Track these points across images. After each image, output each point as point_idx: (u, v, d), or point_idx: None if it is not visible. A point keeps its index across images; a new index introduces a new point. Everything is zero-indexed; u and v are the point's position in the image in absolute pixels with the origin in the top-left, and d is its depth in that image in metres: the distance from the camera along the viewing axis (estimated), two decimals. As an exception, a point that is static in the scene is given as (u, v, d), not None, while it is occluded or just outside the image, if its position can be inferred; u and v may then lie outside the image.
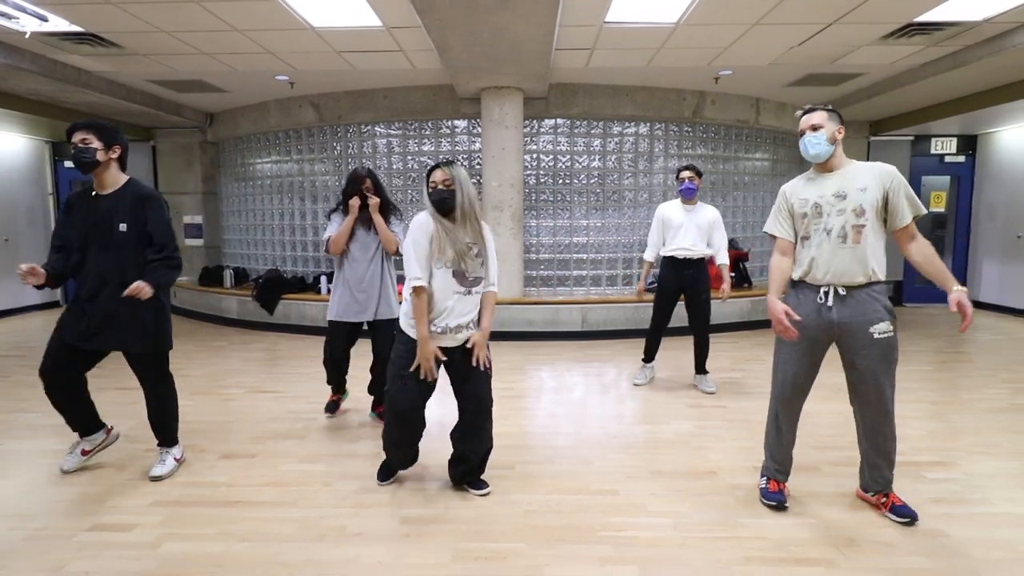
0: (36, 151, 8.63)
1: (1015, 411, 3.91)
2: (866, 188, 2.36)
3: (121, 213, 2.73)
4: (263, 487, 2.82)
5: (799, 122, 2.53)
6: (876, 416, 2.45)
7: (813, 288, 2.46)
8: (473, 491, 2.73)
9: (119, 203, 2.74)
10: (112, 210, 2.73)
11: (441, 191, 2.54)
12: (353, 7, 4.33)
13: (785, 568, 2.13)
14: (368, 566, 2.16)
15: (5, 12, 4.50)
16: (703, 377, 4.49)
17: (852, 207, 2.37)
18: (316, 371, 5.04)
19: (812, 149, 2.45)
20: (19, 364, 5.37)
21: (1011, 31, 4.83)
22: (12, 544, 2.33)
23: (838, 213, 2.39)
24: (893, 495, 2.50)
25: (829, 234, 2.39)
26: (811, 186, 2.50)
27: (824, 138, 2.42)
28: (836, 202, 2.40)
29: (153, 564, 2.19)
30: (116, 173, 2.79)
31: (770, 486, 2.62)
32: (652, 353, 4.66)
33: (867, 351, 2.38)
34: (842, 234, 2.37)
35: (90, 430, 3.02)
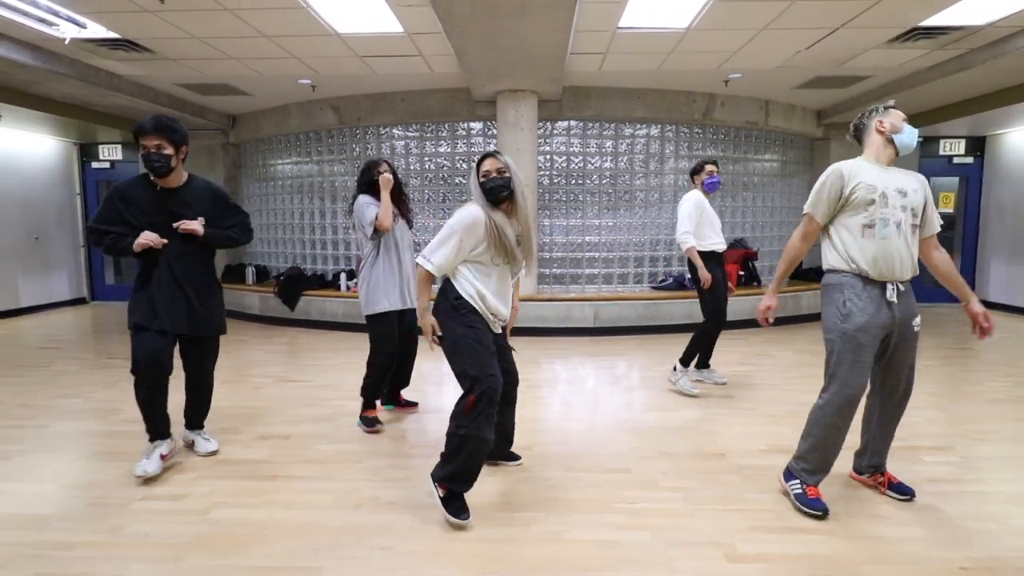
0: (65, 153, 8.94)
1: (1015, 402, 4.04)
2: (917, 190, 2.43)
3: (194, 207, 2.85)
4: (300, 464, 3.02)
5: (889, 114, 2.49)
6: (900, 404, 2.55)
7: (878, 285, 2.40)
8: (509, 463, 2.94)
9: (191, 198, 2.86)
10: (183, 204, 2.84)
11: (496, 179, 2.45)
12: (377, 14, 4.54)
13: (787, 535, 2.30)
14: (401, 530, 2.35)
15: (47, 19, 4.76)
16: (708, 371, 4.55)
17: (912, 206, 2.40)
18: (340, 363, 5.28)
19: (914, 142, 2.47)
20: (57, 355, 5.63)
21: (1014, 35, 4.96)
22: (75, 510, 2.55)
23: (902, 209, 2.38)
24: (889, 473, 2.64)
25: (899, 227, 2.37)
26: (876, 174, 2.43)
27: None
28: (899, 197, 2.38)
29: (205, 527, 2.39)
30: (181, 169, 2.88)
31: (808, 492, 2.49)
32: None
33: (907, 343, 2.47)
34: (908, 230, 2.40)
35: (166, 434, 2.97)
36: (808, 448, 2.52)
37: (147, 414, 2.89)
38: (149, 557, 2.17)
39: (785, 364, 5.22)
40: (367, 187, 3.52)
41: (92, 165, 9.17)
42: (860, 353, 2.38)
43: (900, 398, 2.55)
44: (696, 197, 4.28)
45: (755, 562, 2.12)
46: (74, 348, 6.04)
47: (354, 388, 4.19)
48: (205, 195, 2.94)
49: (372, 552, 2.20)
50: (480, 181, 2.48)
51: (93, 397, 4.25)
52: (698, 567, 2.09)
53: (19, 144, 8.11)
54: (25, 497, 2.68)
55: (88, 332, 7.05)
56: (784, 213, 8.11)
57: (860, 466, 2.73)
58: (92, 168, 9.18)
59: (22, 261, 8.10)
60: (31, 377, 4.80)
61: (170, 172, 2.79)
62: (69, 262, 9.00)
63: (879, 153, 2.49)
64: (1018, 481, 2.80)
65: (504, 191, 2.46)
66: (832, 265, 2.50)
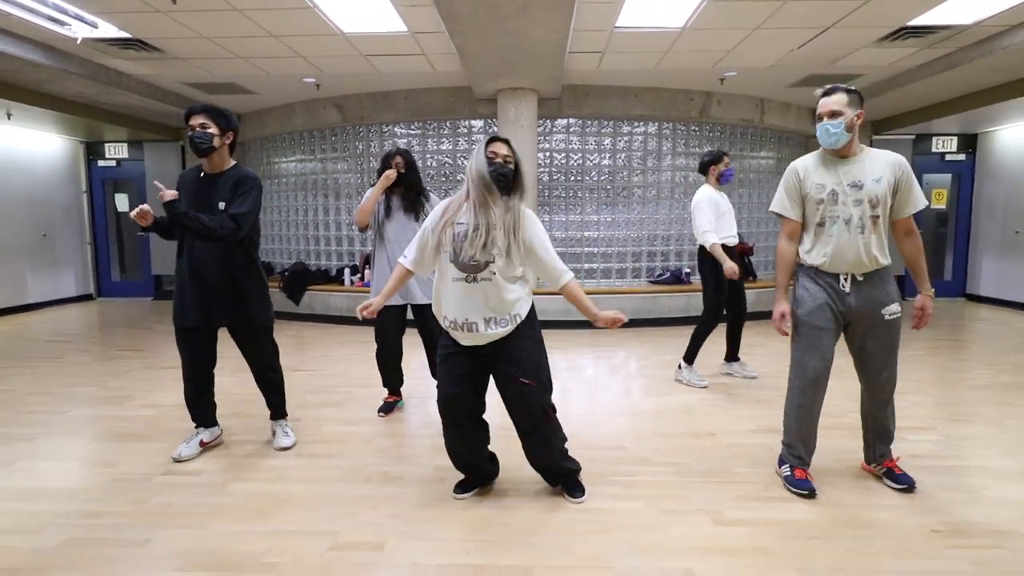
0: (72, 151, 9.07)
1: (998, 388, 4.19)
2: (880, 178, 2.36)
3: (220, 192, 2.83)
4: (311, 443, 3.17)
5: (817, 102, 2.43)
6: (883, 391, 2.52)
7: (831, 275, 2.46)
8: (566, 498, 2.53)
9: (221, 184, 2.85)
10: (214, 190, 2.84)
11: (501, 167, 2.32)
12: (382, 14, 4.68)
13: (771, 503, 2.45)
14: (409, 500, 2.50)
15: (59, 19, 4.90)
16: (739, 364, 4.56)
17: (868, 197, 2.36)
18: (346, 354, 5.42)
19: (829, 139, 2.38)
20: (67, 348, 5.76)
21: (1000, 34, 5.11)
22: (101, 484, 2.70)
23: (855, 204, 2.37)
24: (888, 461, 2.62)
25: (848, 224, 2.38)
26: (826, 171, 2.44)
27: (842, 126, 2.34)
28: (852, 192, 2.38)
29: (224, 499, 2.54)
30: (226, 157, 2.88)
31: (796, 474, 2.56)
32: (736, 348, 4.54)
33: (878, 331, 2.45)
34: (860, 224, 2.37)
35: (209, 423, 3.11)
36: (787, 432, 2.64)
37: (189, 403, 3.05)
38: (174, 524, 2.31)
39: (778, 353, 5.36)
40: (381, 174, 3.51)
41: (98, 163, 9.30)
42: (812, 337, 2.49)
43: (882, 386, 2.51)
44: (707, 193, 4.24)
45: (740, 526, 2.27)
46: (83, 341, 6.18)
47: (360, 377, 4.37)
48: (232, 181, 2.87)
49: (382, 519, 2.34)
50: (488, 157, 2.32)
51: (107, 385, 4.39)
52: (688, 531, 2.24)
53: (27, 143, 8.25)
54: (50, 474, 2.83)
55: (96, 327, 7.18)
56: (779, 209, 8.24)
57: (868, 457, 2.71)
58: (98, 166, 9.31)
59: (30, 258, 8.24)
60: (44, 368, 4.94)
61: (212, 151, 2.79)
62: (76, 259, 9.14)
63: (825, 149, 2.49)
64: (995, 457, 2.95)
65: (506, 182, 2.33)
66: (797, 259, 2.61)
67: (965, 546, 2.12)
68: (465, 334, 2.33)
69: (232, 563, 2.05)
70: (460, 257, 2.27)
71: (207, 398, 3.11)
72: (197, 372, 3.02)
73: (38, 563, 2.05)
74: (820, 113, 2.41)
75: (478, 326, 2.30)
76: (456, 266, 2.28)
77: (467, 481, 2.57)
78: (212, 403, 3.14)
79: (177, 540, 2.19)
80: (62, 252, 8.87)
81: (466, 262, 2.26)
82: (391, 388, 3.77)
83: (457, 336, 2.37)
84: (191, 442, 3.02)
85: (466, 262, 2.26)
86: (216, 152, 2.82)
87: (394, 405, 3.75)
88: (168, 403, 3.86)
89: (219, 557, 2.08)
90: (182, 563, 2.05)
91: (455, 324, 2.33)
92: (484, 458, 2.56)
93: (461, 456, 2.51)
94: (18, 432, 3.38)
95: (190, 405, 3.06)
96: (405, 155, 3.52)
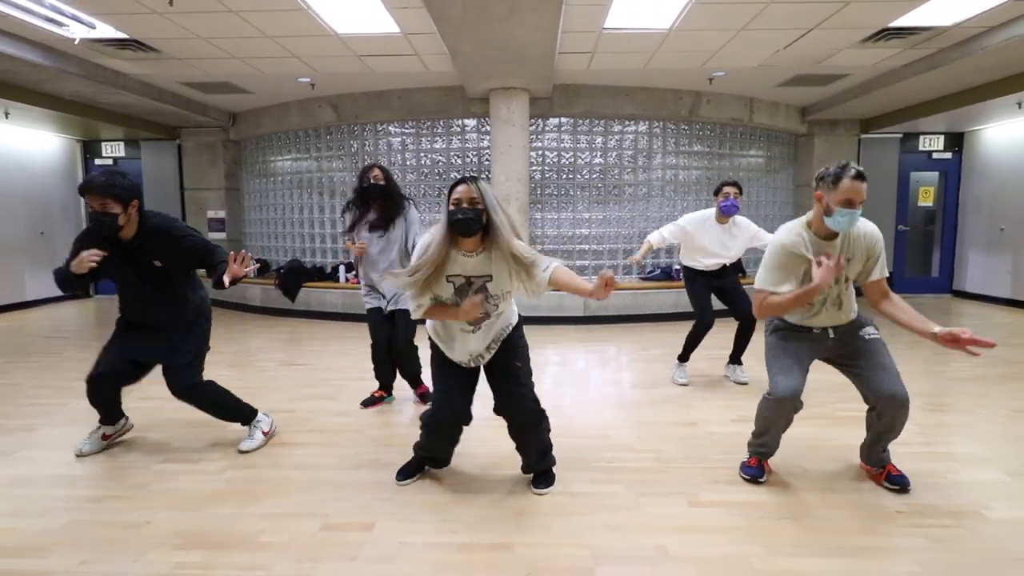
0: (69, 149, 9.15)
1: (974, 380, 4.32)
2: (852, 258, 2.40)
3: (154, 251, 2.79)
4: (305, 433, 3.28)
5: (847, 181, 2.23)
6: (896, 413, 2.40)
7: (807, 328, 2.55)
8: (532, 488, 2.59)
9: (146, 243, 2.77)
10: (139, 251, 2.77)
11: (466, 211, 2.17)
12: (374, 15, 4.77)
13: (745, 486, 2.57)
14: (397, 486, 2.60)
15: (57, 20, 4.98)
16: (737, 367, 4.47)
17: (843, 276, 2.41)
18: (341, 349, 5.52)
19: (848, 227, 2.32)
20: (66, 344, 5.86)
21: (980, 35, 5.22)
22: (100, 471, 2.81)
23: (834, 282, 2.40)
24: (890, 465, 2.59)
25: (825, 302, 2.44)
26: (811, 250, 2.41)
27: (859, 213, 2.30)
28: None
29: (221, 484, 2.64)
30: (134, 221, 2.75)
31: (750, 461, 2.66)
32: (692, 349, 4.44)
33: (863, 348, 2.48)
34: (836, 302, 2.46)
35: (114, 419, 3.13)
36: (755, 431, 2.67)
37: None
38: (173, 507, 2.42)
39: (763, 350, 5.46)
40: (357, 194, 3.60)
41: (95, 162, 9.38)
42: (785, 361, 2.51)
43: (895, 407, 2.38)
44: (698, 218, 4.24)
45: (713, 507, 2.38)
46: (82, 338, 6.27)
47: (354, 371, 4.46)
48: (152, 235, 2.79)
49: (372, 502, 2.45)
50: (450, 210, 2.20)
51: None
52: (663, 511, 2.35)
53: (25, 142, 8.32)
54: (51, 462, 2.92)
55: (93, 324, 7.27)
56: (769, 207, 8.37)
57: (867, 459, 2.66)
58: (95, 165, 9.38)
59: (28, 256, 8.31)
60: (45, 363, 5.03)
61: (119, 229, 2.70)
62: (73, 257, 9.20)
63: (817, 224, 2.40)
64: (963, 444, 3.08)
65: (473, 225, 2.18)
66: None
67: (924, 525, 2.24)
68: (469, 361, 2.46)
69: (228, 543, 2.15)
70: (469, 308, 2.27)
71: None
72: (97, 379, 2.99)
73: (43, 543, 2.15)
74: (853, 200, 2.24)
75: (484, 356, 2.46)
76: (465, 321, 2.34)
77: (410, 466, 2.67)
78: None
79: (175, 522, 2.30)
80: (60, 250, 8.88)
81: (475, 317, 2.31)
82: (381, 383, 3.85)
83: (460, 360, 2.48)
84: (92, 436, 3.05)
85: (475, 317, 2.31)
86: (125, 227, 2.72)
87: (380, 400, 3.82)
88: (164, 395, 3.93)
89: (216, 537, 2.19)
90: (181, 543, 2.15)
91: (462, 362, 2.46)
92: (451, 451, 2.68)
93: (437, 452, 2.63)
94: (20, 423, 3.48)
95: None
96: (380, 167, 3.56)
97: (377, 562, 2.03)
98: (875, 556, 2.03)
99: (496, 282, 2.30)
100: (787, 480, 2.63)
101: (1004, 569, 1.97)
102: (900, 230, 9.09)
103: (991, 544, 2.11)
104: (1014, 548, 2.08)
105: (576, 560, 2.02)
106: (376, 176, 3.52)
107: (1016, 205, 7.83)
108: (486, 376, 2.54)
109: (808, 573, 1.94)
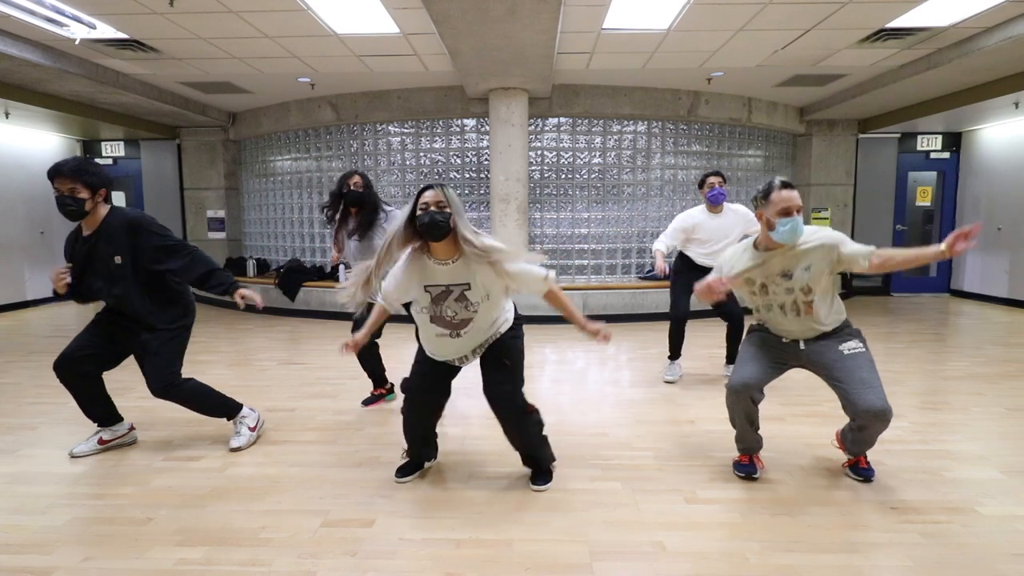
0: (69, 149, 9.16)
1: (970, 379, 4.34)
2: (809, 266, 2.36)
3: (113, 246, 2.72)
4: (305, 431, 3.30)
5: (769, 202, 2.34)
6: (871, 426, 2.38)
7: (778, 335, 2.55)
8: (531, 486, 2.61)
9: (108, 237, 2.72)
10: (103, 246, 2.72)
11: (434, 213, 2.17)
12: (374, 16, 4.80)
13: (742, 483, 2.59)
14: (397, 483, 2.62)
15: (58, 20, 5.00)
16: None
17: (799, 286, 2.38)
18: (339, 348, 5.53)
19: (794, 235, 2.33)
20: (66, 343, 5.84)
21: (976, 35, 5.25)
22: (102, 469, 2.82)
23: (787, 292, 2.40)
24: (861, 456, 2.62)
25: (783, 308, 2.44)
26: (754, 264, 2.45)
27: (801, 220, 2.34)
28: (783, 281, 2.41)
29: (223, 481, 2.66)
30: (100, 212, 2.73)
31: (742, 459, 2.68)
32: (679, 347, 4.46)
33: (842, 363, 2.41)
34: (794, 309, 2.42)
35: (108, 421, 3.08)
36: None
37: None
38: (175, 504, 2.44)
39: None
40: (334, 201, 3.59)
41: (95, 161, 9.38)
42: (747, 354, 2.60)
43: (873, 420, 2.34)
44: (685, 216, 4.29)
45: (710, 504, 2.41)
46: (83, 336, 6.27)
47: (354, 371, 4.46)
48: (118, 229, 2.74)
49: (372, 499, 2.48)
50: (417, 214, 2.21)
51: (107, 378, 4.47)
52: (660, 508, 2.38)
53: (25, 141, 8.33)
54: (54, 460, 2.95)
55: (95, 323, 7.28)
56: (767, 207, 8.39)
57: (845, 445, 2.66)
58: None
59: (28, 255, 8.33)
60: (46, 362, 4.98)
61: (84, 215, 2.68)
62: (73, 256, 9.22)
63: (764, 239, 2.45)
64: (959, 442, 3.10)
65: (441, 230, 2.19)
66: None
67: (918, 520, 2.26)
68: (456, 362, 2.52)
69: (230, 539, 2.17)
70: (442, 318, 2.34)
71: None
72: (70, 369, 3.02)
73: (47, 539, 2.17)
74: (788, 208, 2.31)
75: (468, 358, 2.51)
76: (439, 326, 2.37)
77: (409, 464, 2.70)
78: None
79: (177, 519, 2.32)
80: (60, 250, 8.85)
81: (450, 321, 2.34)
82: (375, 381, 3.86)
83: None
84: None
85: (450, 321, 2.34)
86: (90, 214, 2.71)
87: (380, 398, 3.83)
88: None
89: (218, 534, 2.21)
90: (183, 539, 2.17)
91: (447, 360, 2.51)
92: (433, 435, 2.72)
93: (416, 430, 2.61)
94: (22, 421, 3.51)
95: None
96: (360, 173, 3.57)
97: (377, 558, 2.05)
98: (869, 551, 2.06)
99: (475, 289, 2.30)
100: (782, 477, 2.65)
101: (996, 564, 1.99)
102: (898, 230, 9.12)
103: (984, 540, 2.13)
104: (1007, 544, 2.11)
105: (574, 556, 2.05)
106: (356, 183, 3.52)
107: (1013, 205, 7.87)
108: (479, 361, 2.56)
109: (803, 568, 1.97)
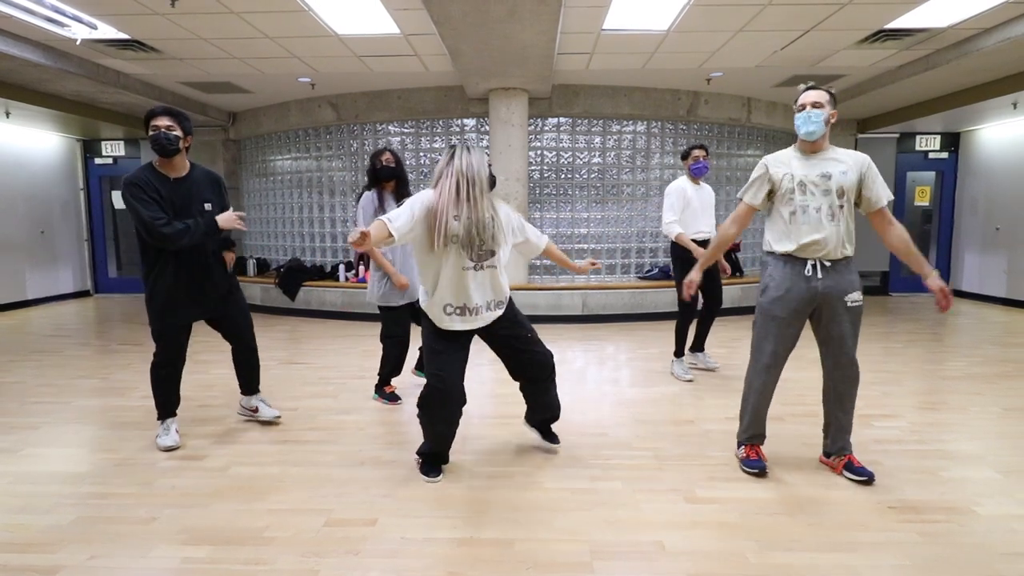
0: (69, 148, 9.17)
1: (968, 379, 4.36)
2: (847, 172, 2.52)
3: (204, 193, 3.01)
4: (307, 430, 3.32)
5: (799, 95, 2.59)
6: (846, 381, 2.59)
7: (800, 261, 2.57)
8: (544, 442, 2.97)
9: (199, 185, 3.01)
10: (195, 191, 2.98)
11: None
12: (375, 16, 4.81)
13: (740, 483, 2.61)
14: (400, 482, 2.65)
15: (59, 20, 5.01)
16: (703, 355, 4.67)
17: (836, 188, 2.51)
18: (341, 348, 5.56)
19: (809, 126, 2.52)
20: (68, 343, 5.88)
21: (975, 36, 5.27)
22: (107, 468, 2.84)
23: (824, 193, 2.51)
24: (850, 455, 2.67)
25: (819, 211, 2.51)
26: (797, 163, 2.58)
27: (822, 117, 2.50)
28: (821, 182, 2.52)
29: (226, 481, 2.68)
30: (186, 159, 3.01)
31: (749, 454, 2.74)
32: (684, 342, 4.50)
33: (841, 318, 2.54)
34: (830, 213, 2.51)
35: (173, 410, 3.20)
36: (743, 410, 2.79)
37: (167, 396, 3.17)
38: (179, 503, 2.46)
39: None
40: (371, 178, 3.62)
41: (95, 161, 9.40)
42: (772, 325, 2.62)
43: (846, 373, 2.58)
44: (677, 186, 4.34)
45: (710, 503, 2.42)
46: (83, 336, 6.30)
47: (355, 370, 4.50)
48: (207, 180, 3.08)
49: (374, 498, 2.49)
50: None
51: (109, 378, 4.52)
52: (660, 507, 2.40)
53: (25, 141, 8.34)
54: (58, 459, 2.96)
55: (94, 322, 7.30)
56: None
57: (826, 449, 2.76)
58: (95, 164, 9.41)
59: (29, 254, 8.34)
60: (47, 361, 5.06)
61: (177, 153, 2.90)
62: (73, 255, 9.24)
63: (800, 144, 2.63)
64: (956, 442, 3.12)
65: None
66: (765, 247, 2.72)
67: (916, 520, 2.28)
68: (466, 318, 2.58)
69: (234, 538, 2.19)
70: (474, 246, 2.49)
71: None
72: (178, 367, 3.17)
73: (51, 538, 2.19)
74: (803, 103, 2.55)
75: (480, 310, 2.59)
76: (468, 255, 2.50)
77: (437, 464, 2.73)
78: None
79: (182, 518, 2.34)
80: (60, 249, 8.97)
81: (481, 250, 2.51)
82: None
83: (453, 323, 2.59)
84: (171, 431, 3.12)
85: (481, 250, 2.51)
86: (180, 154, 2.93)
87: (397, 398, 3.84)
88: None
89: (221, 533, 2.23)
90: (187, 538, 2.19)
91: (458, 310, 2.57)
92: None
93: (448, 437, 2.69)
94: (25, 420, 3.52)
95: (168, 398, 3.16)
96: (391, 150, 3.65)
97: (379, 556, 2.07)
98: (867, 550, 2.08)
99: (498, 223, 2.55)
100: (782, 477, 2.67)
101: (994, 563, 2.01)
102: (897, 229, 9.12)
103: (981, 539, 2.15)
104: (1003, 543, 2.13)
105: (575, 555, 2.07)
106: (387, 159, 3.60)
107: (1012, 205, 7.90)
108: (499, 349, 2.75)
109: (802, 567, 1.99)
